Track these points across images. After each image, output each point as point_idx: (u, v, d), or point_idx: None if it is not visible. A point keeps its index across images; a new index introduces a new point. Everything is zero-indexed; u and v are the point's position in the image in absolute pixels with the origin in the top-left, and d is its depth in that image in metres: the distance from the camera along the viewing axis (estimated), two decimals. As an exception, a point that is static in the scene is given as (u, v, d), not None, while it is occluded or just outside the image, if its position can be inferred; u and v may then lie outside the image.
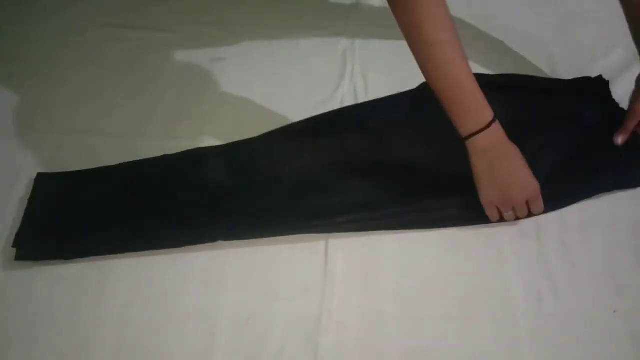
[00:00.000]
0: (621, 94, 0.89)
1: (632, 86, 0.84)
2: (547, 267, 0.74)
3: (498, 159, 0.72)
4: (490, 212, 0.75)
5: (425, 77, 0.72)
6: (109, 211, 0.80)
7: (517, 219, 0.76)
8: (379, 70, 0.99)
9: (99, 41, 1.05)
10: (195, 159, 0.85)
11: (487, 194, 0.74)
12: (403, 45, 1.03)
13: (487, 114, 0.71)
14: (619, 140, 0.83)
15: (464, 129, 0.71)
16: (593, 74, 0.94)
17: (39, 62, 1.02)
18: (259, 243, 0.77)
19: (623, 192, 0.81)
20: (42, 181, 0.83)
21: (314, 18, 1.08)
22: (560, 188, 0.79)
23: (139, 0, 1.12)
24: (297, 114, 0.92)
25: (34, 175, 0.84)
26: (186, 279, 0.74)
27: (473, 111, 0.71)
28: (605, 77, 0.93)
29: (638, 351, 0.67)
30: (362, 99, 0.94)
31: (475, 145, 0.71)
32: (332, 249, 0.76)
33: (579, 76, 0.94)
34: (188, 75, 1.00)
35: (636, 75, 0.83)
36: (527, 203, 0.75)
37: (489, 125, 0.71)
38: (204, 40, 1.05)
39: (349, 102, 0.93)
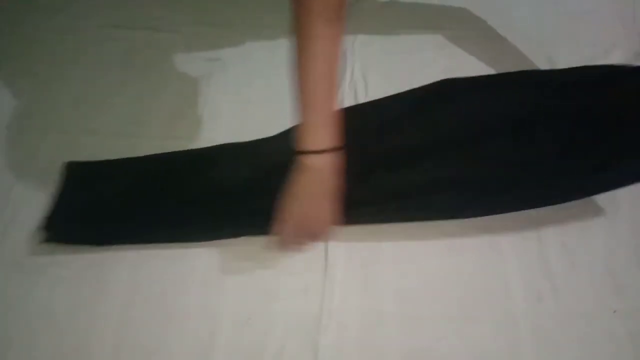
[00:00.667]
0: (621, 94, 0.89)
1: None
2: (547, 267, 0.74)
3: (315, 186, 0.72)
4: (281, 227, 0.73)
5: (297, 71, 0.70)
6: (134, 201, 0.81)
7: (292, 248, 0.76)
8: (379, 70, 0.99)
9: (99, 41, 1.05)
10: (225, 154, 0.85)
11: (290, 210, 0.73)
12: (403, 45, 1.04)
13: (332, 140, 0.70)
14: None
15: (306, 143, 0.70)
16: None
17: (38, 62, 1.02)
18: (259, 243, 0.77)
19: (623, 192, 0.81)
20: (71, 169, 0.84)
21: (314, 18, 1.08)
22: (565, 186, 0.78)
23: (138, 0, 1.12)
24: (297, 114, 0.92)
25: (34, 175, 0.84)
26: (186, 279, 0.74)
27: (320, 131, 0.70)
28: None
29: (638, 351, 0.67)
30: (362, 99, 0.94)
31: (305, 162, 0.71)
32: (332, 249, 0.76)
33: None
34: (188, 75, 0.99)
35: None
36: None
37: (326, 151, 0.70)
38: (204, 40, 1.05)
39: (349, 102, 0.93)
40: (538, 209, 0.79)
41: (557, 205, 0.80)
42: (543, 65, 0.98)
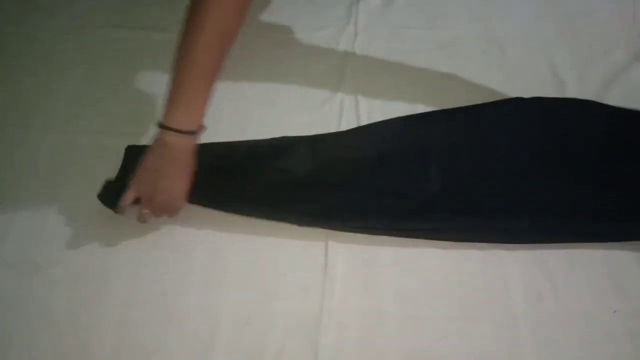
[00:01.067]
0: (621, 94, 0.89)
1: (632, 87, 0.83)
2: (547, 267, 0.74)
3: (170, 163, 0.73)
4: (128, 196, 0.75)
5: (179, 50, 0.73)
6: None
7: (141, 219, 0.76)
8: (379, 70, 0.99)
9: (99, 41, 1.05)
10: (278, 147, 0.86)
11: (140, 183, 0.74)
12: (403, 45, 1.04)
13: (195, 122, 0.72)
14: None
15: (168, 119, 0.72)
16: (593, 74, 0.94)
17: (38, 62, 1.02)
18: (259, 242, 0.77)
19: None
20: (132, 152, 0.84)
21: (314, 18, 1.08)
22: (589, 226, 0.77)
23: (138, 0, 1.12)
24: (297, 114, 0.92)
25: (33, 175, 0.84)
26: (186, 279, 0.74)
27: (186, 111, 0.72)
28: (605, 77, 0.92)
29: (638, 351, 0.67)
30: (362, 99, 0.94)
31: (164, 138, 0.72)
32: (332, 249, 0.76)
33: (579, 77, 0.93)
34: (188, 75, 0.99)
35: (636, 75, 0.83)
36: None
37: (186, 133, 0.72)
38: (204, 40, 1.05)
39: (349, 102, 0.93)
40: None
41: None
42: (543, 65, 0.98)
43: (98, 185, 0.81)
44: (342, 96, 0.95)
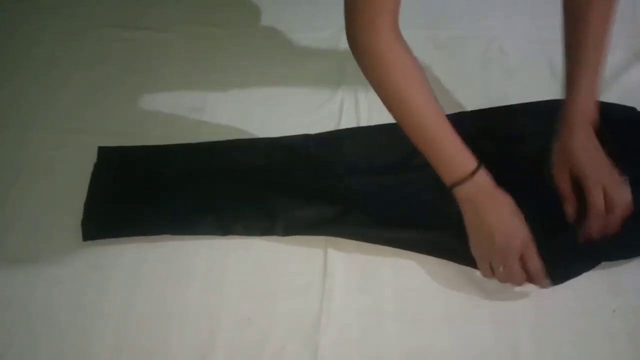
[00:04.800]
0: (621, 94, 0.89)
1: (632, 87, 0.83)
2: (546, 266, 0.74)
3: (483, 208, 0.68)
4: (482, 265, 0.70)
5: (401, 126, 0.69)
6: (166, 191, 0.82)
7: (514, 282, 0.70)
8: (378, 70, 0.99)
9: (99, 41, 1.05)
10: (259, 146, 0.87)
11: (475, 245, 0.70)
12: (403, 45, 1.03)
13: (469, 163, 0.68)
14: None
15: (447, 178, 0.68)
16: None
17: (39, 62, 1.02)
18: (259, 243, 0.77)
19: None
20: (104, 155, 0.85)
21: (314, 18, 1.08)
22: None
23: (139, 0, 1.12)
24: (297, 114, 0.92)
25: (34, 175, 0.85)
26: (186, 279, 0.74)
27: (453, 161, 0.68)
28: (605, 77, 0.92)
29: (637, 350, 0.67)
30: (362, 99, 0.94)
31: (461, 195, 0.68)
32: (331, 249, 0.76)
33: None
34: (188, 75, 1.00)
35: (635, 75, 0.82)
36: (523, 260, 0.68)
37: (471, 175, 0.67)
38: (204, 40, 1.05)
39: (348, 102, 0.93)
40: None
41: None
42: (543, 65, 0.98)
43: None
44: (342, 96, 0.95)
